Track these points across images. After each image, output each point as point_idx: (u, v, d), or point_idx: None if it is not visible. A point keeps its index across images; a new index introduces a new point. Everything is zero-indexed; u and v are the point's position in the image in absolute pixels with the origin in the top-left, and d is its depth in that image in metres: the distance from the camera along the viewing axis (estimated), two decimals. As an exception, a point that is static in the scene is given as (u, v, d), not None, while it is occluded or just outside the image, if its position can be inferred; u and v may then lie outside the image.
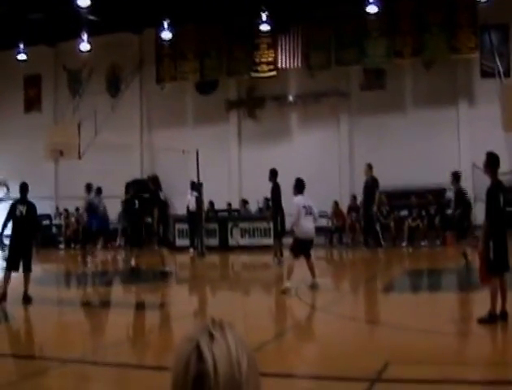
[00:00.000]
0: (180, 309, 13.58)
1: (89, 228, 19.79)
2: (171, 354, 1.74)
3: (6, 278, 14.20)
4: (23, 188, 14.66)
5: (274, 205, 20.98)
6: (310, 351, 10.03)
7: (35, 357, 9.84)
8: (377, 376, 7.41)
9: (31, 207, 14.51)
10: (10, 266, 14.26)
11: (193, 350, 1.64)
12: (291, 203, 15.41)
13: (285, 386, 7.80)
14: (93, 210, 19.85)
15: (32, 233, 14.82)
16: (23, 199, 14.56)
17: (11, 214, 14.42)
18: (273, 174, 20.79)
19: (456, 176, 17.99)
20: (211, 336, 1.66)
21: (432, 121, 27.63)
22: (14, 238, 14.48)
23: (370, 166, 23.32)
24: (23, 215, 14.27)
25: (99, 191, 21.20)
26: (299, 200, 14.93)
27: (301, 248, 14.79)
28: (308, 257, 14.93)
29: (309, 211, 14.72)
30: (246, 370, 1.65)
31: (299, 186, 15.13)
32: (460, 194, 18.15)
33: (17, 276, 14.47)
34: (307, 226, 14.71)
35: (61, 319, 13.53)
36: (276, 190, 20.36)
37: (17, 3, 25.89)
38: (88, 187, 20.29)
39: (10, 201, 20.53)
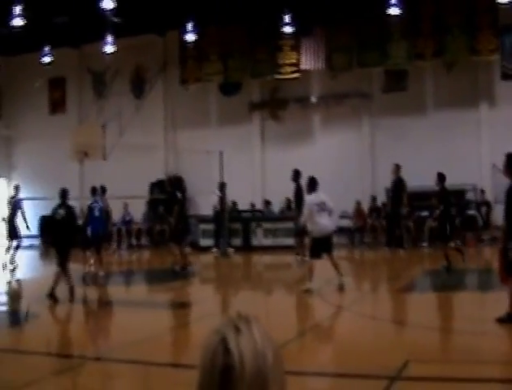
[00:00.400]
0: (204, 307, 13.75)
1: (86, 234, 19.70)
2: (196, 352, 1.79)
3: (58, 275, 14.65)
4: (64, 193, 15.32)
5: (297, 205, 21.10)
6: (331, 349, 10.19)
7: (62, 354, 10.07)
8: (397, 374, 7.57)
9: (70, 211, 15.22)
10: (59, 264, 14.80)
11: (219, 343, 1.68)
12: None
13: (307, 383, 7.97)
14: (91, 215, 19.54)
15: (71, 235, 15.39)
16: (63, 203, 15.17)
17: (52, 218, 15.14)
18: (296, 174, 20.98)
19: (440, 177, 18.08)
20: (237, 330, 1.70)
21: (453, 123, 27.56)
22: (55, 240, 15.40)
23: (398, 167, 23.42)
24: (64, 218, 14.83)
25: (103, 190, 20.94)
26: (310, 199, 15.01)
27: (320, 246, 14.80)
28: (330, 254, 15.01)
29: (322, 208, 14.78)
30: (272, 362, 1.69)
31: (310, 184, 15.22)
32: (442, 194, 18.21)
33: (49, 274, 14.91)
34: (322, 222, 14.65)
35: (85, 317, 13.81)
36: (299, 190, 20.49)
37: (42, 6, 26.11)
38: (94, 190, 20.16)
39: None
